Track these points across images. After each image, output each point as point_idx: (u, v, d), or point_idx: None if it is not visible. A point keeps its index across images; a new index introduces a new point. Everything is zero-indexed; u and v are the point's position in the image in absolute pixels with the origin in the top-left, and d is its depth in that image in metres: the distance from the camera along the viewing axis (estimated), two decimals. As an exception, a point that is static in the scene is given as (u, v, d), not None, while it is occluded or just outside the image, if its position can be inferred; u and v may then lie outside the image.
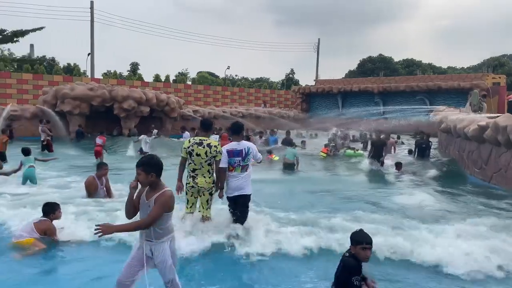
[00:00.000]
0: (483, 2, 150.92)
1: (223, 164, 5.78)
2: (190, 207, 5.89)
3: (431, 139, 15.98)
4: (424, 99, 34.69)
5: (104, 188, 8.13)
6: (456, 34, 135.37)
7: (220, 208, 6.29)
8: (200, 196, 5.85)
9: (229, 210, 5.95)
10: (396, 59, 60.93)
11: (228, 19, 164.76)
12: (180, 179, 5.88)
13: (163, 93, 27.36)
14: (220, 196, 5.94)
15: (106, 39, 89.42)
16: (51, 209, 5.68)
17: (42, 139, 17.15)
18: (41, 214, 5.69)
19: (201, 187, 5.75)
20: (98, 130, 23.85)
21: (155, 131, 21.12)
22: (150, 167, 3.53)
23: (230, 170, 5.84)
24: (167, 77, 42.20)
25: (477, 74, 38.39)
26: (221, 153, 5.79)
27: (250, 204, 6.10)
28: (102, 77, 37.60)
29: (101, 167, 8.16)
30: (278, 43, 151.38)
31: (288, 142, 15.05)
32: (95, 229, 3.29)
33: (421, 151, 15.09)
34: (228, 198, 5.93)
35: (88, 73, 38.44)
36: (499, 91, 32.00)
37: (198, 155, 5.67)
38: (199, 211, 5.93)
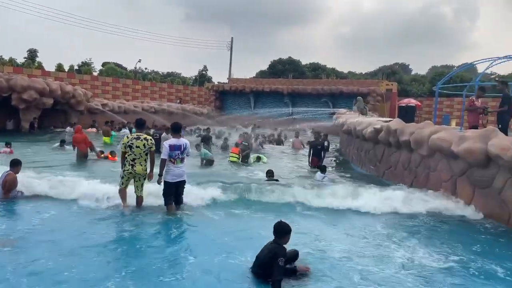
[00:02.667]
0: (379, 12, 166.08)
1: (165, 156, 7.01)
2: (125, 186, 7.24)
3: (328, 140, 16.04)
4: (328, 102, 37.28)
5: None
6: (354, 41, 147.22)
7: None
8: (136, 181, 7.19)
9: (163, 192, 7.15)
10: (303, 62, 63.94)
11: (134, 8, 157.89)
12: (122, 167, 7.20)
13: (68, 84, 25.69)
14: (159, 182, 7.11)
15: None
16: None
17: None
18: None
19: (138, 173, 7.12)
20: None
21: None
22: None
23: (172, 162, 7.06)
24: (71, 67, 39.43)
25: (373, 80, 42.32)
26: (154, 145, 7.26)
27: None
28: (-8, 63, 33.77)
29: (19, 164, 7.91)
30: (189, 39, 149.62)
31: (207, 139, 15.48)
32: None
33: (317, 152, 14.33)
34: (169, 183, 7.09)
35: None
36: (391, 97, 35.89)
37: (137, 147, 7.05)
38: (135, 192, 7.25)
